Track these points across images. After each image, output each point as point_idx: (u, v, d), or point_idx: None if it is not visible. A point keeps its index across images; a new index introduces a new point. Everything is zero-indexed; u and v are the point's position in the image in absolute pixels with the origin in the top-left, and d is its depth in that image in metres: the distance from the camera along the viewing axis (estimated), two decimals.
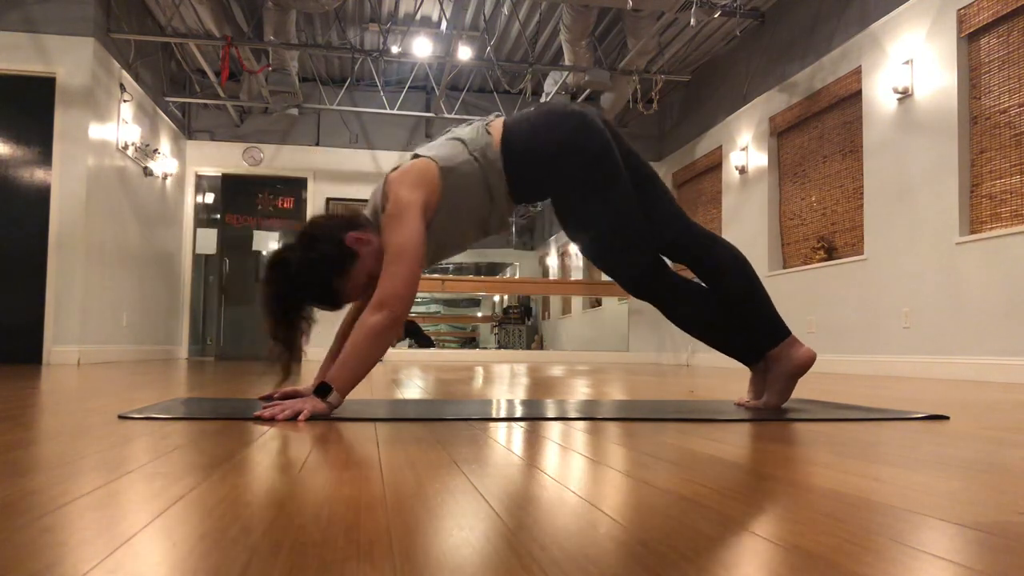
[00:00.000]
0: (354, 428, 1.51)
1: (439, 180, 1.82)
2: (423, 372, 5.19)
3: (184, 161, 9.19)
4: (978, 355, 4.74)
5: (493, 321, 14.31)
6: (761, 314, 2.01)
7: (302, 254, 1.80)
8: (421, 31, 8.17)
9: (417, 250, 1.74)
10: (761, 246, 7.37)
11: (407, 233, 1.74)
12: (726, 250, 2.05)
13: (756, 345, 2.03)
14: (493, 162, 1.87)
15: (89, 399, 2.21)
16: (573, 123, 1.90)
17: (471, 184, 1.86)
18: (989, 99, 4.85)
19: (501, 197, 1.90)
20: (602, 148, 1.90)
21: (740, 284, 2.01)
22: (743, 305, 2.01)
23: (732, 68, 8.14)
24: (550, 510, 0.78)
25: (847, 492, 0.89)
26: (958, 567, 0.58)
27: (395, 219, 1.75)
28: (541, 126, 1.91)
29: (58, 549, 0.61)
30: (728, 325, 2.03)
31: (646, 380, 4.22)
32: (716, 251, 2.04)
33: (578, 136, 1.89)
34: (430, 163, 1.83)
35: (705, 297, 2.03)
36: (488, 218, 1.93)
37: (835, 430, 1.57)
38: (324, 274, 1.79)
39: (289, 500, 0.81)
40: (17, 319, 6.10)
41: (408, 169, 1.83)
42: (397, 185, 1.80)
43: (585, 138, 1.89)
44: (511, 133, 1.90)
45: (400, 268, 1.72)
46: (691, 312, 2.04)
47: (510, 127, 1.92)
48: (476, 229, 1.95)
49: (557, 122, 1.91)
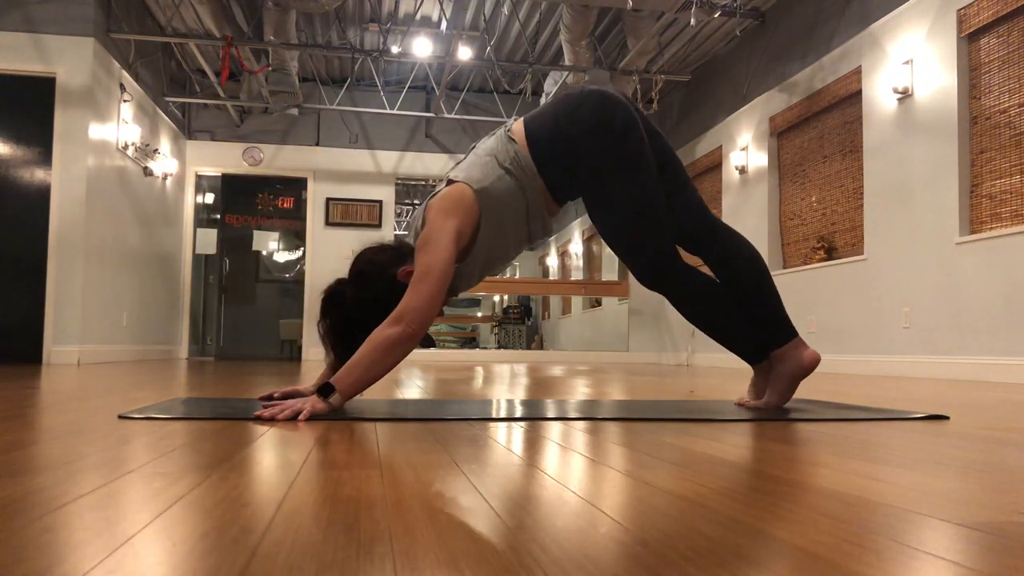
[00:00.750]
0: (354, 428, 1.51)
1: (475, 203, 1.83)
2: (423, 372, 5.19)
3: (184, 161, 9.20)
4: (978, 355, 4.74)
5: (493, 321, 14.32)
6: (770, 312, 2.01)
7: (356, 293, 1.86)
8: (421, 31, 8.17)
9: (443, 272, 1.75)
10: (761, 246, 7.37)
11: (436, 255, 1.76)
12: (742, 245, 2.04)
13: (762, 343, 2.02)
14: (526, 168, 1.88)
15: (89, 399, 2.21)
16: (593, 101, 1.90)
17: (509, 199, 1.87)
18: (989, 99, 4.85)
19: (540, 201, 1.91)
20: (625, 123, 1.89)
21: (753, 280, 2.01)
22: (754, 300, 2.00)
23: (732, 68, 8.14)
24: (550, 510, 0.78)
25: (847, 492, 0.89)
26: (958, 567, 0.58)
27: (427, 244, 1.78)
28: (562, 113, 1.91)
29: (58, 549, 0.61)
30: (736, 321, 2.02)
31: (646, 380, 4.22)
32: (732, 245, 2.03)
33: (601, 113, 1.89)
34: (465, 189, 1.84)
35: (716, 291, 2.02)
36: (530, 227, 1.94)
37: (835, 430, 1.57)
38: (379, 312, 1.80)
39: (289, 500, 0.81)
40: (17, 319, 6.10)
41: (445, 195, 1.85)
42: (435, 211, 1.83)
43: (608, 115, 1.89)
44: (534, 131, 1.91)
45: (424, 287, 1.74)
46: (701, 305, 2.03)
47: (531, 126, 1.92)
48: (521, 240, 1.96)
49: (576, 104, 1.91)
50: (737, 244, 2.04)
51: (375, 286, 1.85)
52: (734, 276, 2.01)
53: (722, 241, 2.03)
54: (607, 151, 1.89)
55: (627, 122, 1.90)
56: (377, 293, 1.84)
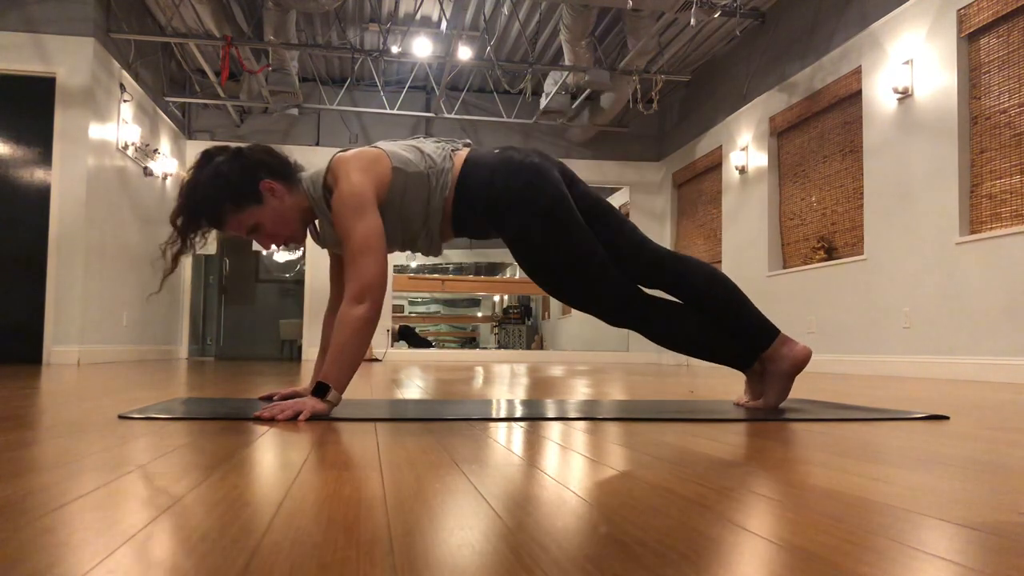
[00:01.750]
0: (354, 428, 1.51)
1: (388, 176, 1.83)
2: (423, 372, 5.19)
3: (184, 161, 9.19)
4: (978, 355, 4.74)
5: (493, 321, 14.32)
6: (748, 320, 2.01)
7: (220, 163, 1.84)
8: (421, 31, 8.17)
9: (381, 241, 1.77)
10: (761, 246, 7.38)
11: (369, 225, 1.76)
12: (697, 267, 2.04)
13: (748, 350, 2.03)
14: (443, 189, 1.88)
15: (89, 399, 2.21)
16: (527, 176, 1.90)
17: (414, 197, 1.87)
18: (989, 99, 4.85)
19: (437, 223, 1.91)
20: (554, 199, 1.90)
21: (720, 296, 2.01)
22: (729, 316, 2.01)
23: (732, 68, 8.14)
24: (550, 510, 0.78)
25: (847, 492, 0.89)
26: (958, 567, 0.58)
27: (353, 208, 1.76)
28: (499, 174, 1.91)
29: (58, 549, 0.61)
30: (713, 339, 2.03)
31: (646, 380, 4.22)
32: (688, 271, 2.03)
33: (530, 190, 1.89)
34: (383, 155, 1.85)
35: (682, 314, 2.02)
36: (417, 236, 1.94)
37: (835, 430, 1.57)
38: (222, 193, 1.82)
39: (289, 500, 0.81)
40: (17, 319, 6.10)
41: (361, 153, 1.85)
42: (346, 165, 1.81)
43: (538, 192, 1.89)
44: (470, 172, 1.91)
45: (369, 260, 1.74)
46: (670, 331, 2.03)
47: (470, 166, 1.92)
48: (403, 241, 1.95)
49: (513, 172, 1.90)
50: (692, 269, 2.03)
51: (234, 171, 1.83)
52: (700, 299, 2.02)
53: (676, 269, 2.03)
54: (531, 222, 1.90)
55: (555, 197, 1.90)
56: (231, 177, 1.82)
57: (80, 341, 6.14)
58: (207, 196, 1.83)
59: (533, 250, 1.94)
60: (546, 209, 1.89)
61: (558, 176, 1.96)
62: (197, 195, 1.83)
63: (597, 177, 9.90)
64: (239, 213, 1.84)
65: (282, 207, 1.86)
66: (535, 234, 1.91)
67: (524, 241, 1.93)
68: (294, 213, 1.89)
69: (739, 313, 2.00)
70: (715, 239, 8.55)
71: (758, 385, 2.07)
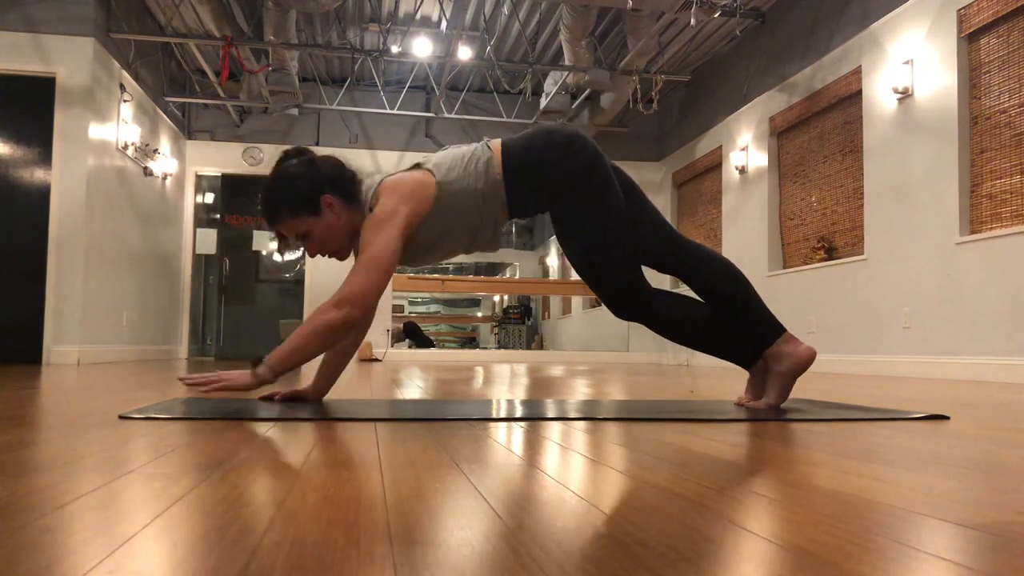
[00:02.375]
0: (354, 428, 1.51)
1: (434, 194, 1.87)
2: (423, 372, 5.19)
3: (184, 161, 9.19)
4: (978, 355, 4.74)
5: (493, 321, 14.31)
6: (756, 315, 2.02)
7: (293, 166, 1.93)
8: (421, 31, 8.17)
9: (390, 261, 1.80)
10: (761, 246, 7.38)
11: (385, 242, 1.79)
12: (714, 259, 2.06)
13: (753, 346, 2.03)
14: (492, 175, 1.91)
15: (89, 399, 2.21)
16: (565, 133, 1.97)
17: (467, 201, 1.91)
18: (989, 99, 4.85)
19: (495, 212, 1.94)
20: (593, 155, 1.96)
21: (732, 289, 2.02)
22: (739, 310, 2.02)
23: (732, 68, 8.14)
24: (550, 510, 0.78)
25: (847, 492, 0.89)
26: (958, 567, 0.58)
27: (378, 225, 1.81)
28: (537, 139, 1.97)
29: (58, 549, 0.61)
30: (719, 335, 2.04)
31: (646, 380, 4.21)
32: (704, 260, 2.05)
33: (571, 144, 1.95)
34: (428, 177, 1.89)
35: (691, 312, 2.04)
36: (479, 232, 1.97)
37: (835, 430, 1.57)
38: (282, 193, 1.90)
39: (289, 500, 0.81)
40: (17, 319, 6.10)
41: (405, 179, 1.89)
42: (390, 192, 1.86)
43: (578, 147, 1.95)
44: (510, 146, 1.97)
45: (370, 274, 1.77)
46: (677, 325, 2.05)
47: (508, 142, 1.99)
48: (465, 242, 1.99)
49: (550, 133, 1.98)
50: (708, 258, 2.06)
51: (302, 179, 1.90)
52: (710, 288, 2.03)
53: (694, 258, 2.05)
54: (574, 178, 1.94)
55: (595, 153, 1.96)
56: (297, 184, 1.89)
57: (80, 341, 6.14)
58: (270, 193, 1.91)
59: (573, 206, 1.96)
60: (587, 162, 1.93)
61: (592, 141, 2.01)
62: (264, 192, 1.92)
63: None
64: (293, 218, 1.90)
65: (336, 223, 1.91)
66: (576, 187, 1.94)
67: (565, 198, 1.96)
68: (346, 230, 1.93)
69: (750, 309, 2.01)
70: (715, 239, 8.55)
71: (760, 384, 2.07)
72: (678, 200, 9.71)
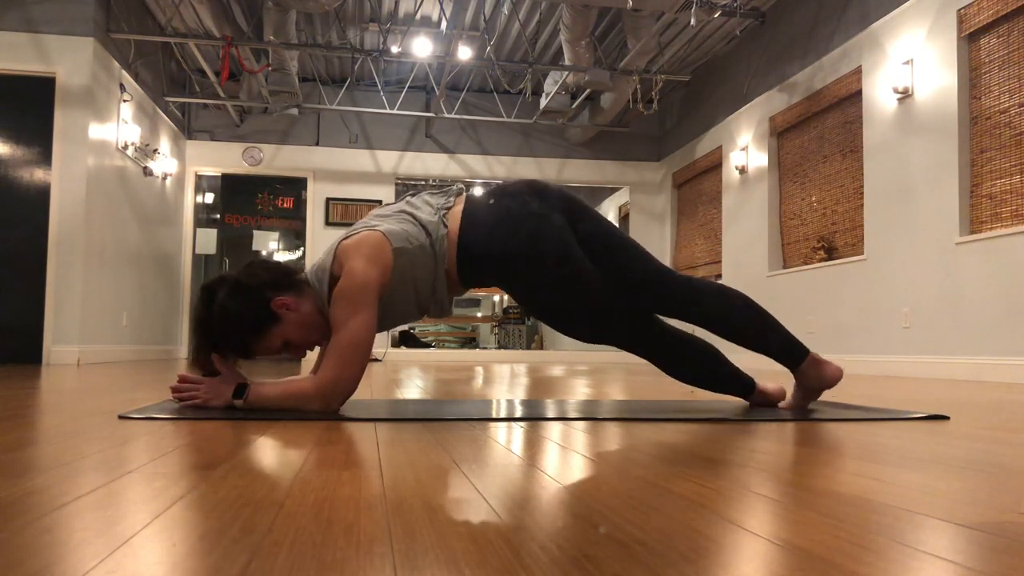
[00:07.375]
0: (354, 428, 1.51)
1: (391, 260, 1.80)
2: (423, 372, 5.19)
3: (184, 161, 9.19)
4: (978, 355, 4.74)
5: (493, 321, 14.31)
6: (775, 341, 1.98)
7: (224, 300, 1.77)
8: (421, 31, 8.17)
9: (370, 342, 1.76)
10: (761, 246, 7.37)
11: (363, 322, 1.73)
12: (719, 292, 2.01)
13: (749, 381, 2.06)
14: (444, 255, 1.87)
15: (89, 399, 2.21)
16: (529, 228, 1.87)
17: (421, 271, 1.85)
18: (989, 99, 4.85)
19: (444, 288, 1.90)
20: (559, 253, 1.87)
21: (745, 319, 1.98)
22: (756, 338, 1.98)
23: (732, 68, 8.14)
24: (550, 510, 0.78)
25: (847, 492, 0.89)
26: (958, 567, 0.58)
27: (352, 300, 1.73)
28: (496, 232, 1.88)
29: (58, 549, 0.61)
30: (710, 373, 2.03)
31: (646, 380, 4.21)
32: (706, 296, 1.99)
33: (535, 244, 1.87)
34: (384, 241, 1.80)
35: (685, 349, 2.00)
36: (429, 302, 1.92)
37: (835, 430, 1.57)
38: (238, 329, 1.78)
39: (289, 500, 0.81)
40: (17, 319, 6.10)
41: (364, 240, 1.80)
42: (353, 254, 1.77)
43: (542, 246, 1.87)
44: (467, 234, 1.88)
45: (353, 366, 1.74)
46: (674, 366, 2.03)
47: (466, 227, 1.88)
48: (414, 312, 1.93)
49: (513, 229, 1.87)
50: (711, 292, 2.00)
51: (244, 302, 1.77)
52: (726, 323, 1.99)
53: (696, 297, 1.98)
54: (535, 277, 1.89)
55: (560, 250, 1.87)
56: (243, 308, 1.77)
57: (80, 341, 6.14)
58: (226, 336, 1.78)
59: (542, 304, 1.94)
60: (552, 263, 1.86)
61: (560, 221, 1.90)
62: (215, 335, 1.79)
63: (597, 177, 9.90)
64: (264, 339, 1.80)
65: (301, 316, 1.81)
66: (543, 290, 1.90)
67: (533, 295, 1.93)
68: (315, 316, 1.84)
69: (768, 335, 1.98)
70: (715, 239, 8.55)
71: None
72: (678, 200, 9.71)
